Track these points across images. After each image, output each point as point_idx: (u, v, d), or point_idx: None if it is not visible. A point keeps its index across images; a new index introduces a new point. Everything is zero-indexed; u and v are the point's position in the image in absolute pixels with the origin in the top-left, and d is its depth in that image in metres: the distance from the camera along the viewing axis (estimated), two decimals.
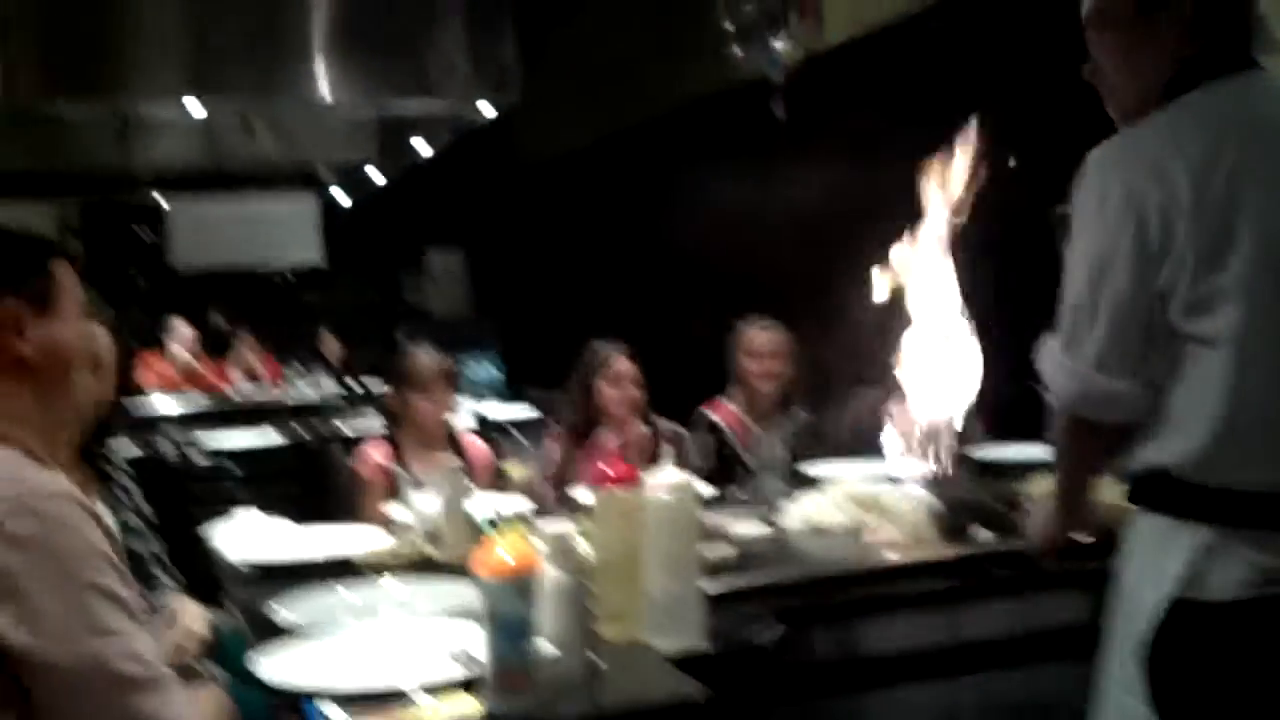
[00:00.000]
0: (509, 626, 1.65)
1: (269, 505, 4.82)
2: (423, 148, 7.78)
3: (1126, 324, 1.80)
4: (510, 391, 8.96)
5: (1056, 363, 1.89)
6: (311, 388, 8.26)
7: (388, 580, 2.46)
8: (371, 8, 6.00)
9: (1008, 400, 3.88)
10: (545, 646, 1.71)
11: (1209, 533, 1.75)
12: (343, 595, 2.35)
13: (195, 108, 6.11)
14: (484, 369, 9.90)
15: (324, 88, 6.07)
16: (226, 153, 8.37)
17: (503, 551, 1.67)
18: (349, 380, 7.82)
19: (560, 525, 1.86)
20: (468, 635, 1.92)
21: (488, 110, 6.31)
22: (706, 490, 2.92)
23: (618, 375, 3.80)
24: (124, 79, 5.83)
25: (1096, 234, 1.82)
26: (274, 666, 1.84)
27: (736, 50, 4.93)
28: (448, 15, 5.96)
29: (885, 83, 5.98)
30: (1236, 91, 1.85)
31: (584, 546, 1.85)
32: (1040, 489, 3.03)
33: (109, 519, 2.69)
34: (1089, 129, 1.98)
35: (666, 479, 1.98)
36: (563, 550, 1.83)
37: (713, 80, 7.18)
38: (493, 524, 2.84)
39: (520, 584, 1.66)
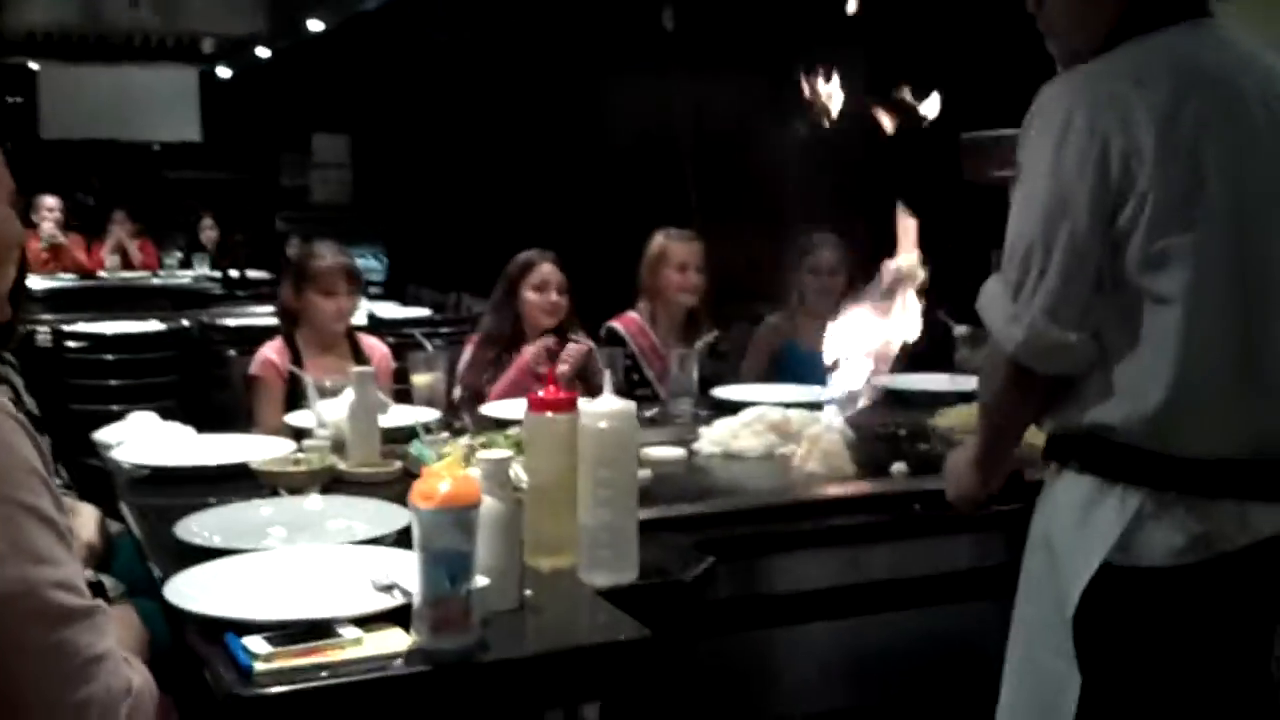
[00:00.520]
0: (448, 561, 1.56)
1: (148, 396, 4.70)
2: (315, 25, 7.48)
3: (1081, 269, 1.70)
4: (392, 287, 8.79)
5: (1002, 309, 1.78)
6: (189, 274, 8.00)
7: (299, 496, 2.35)
8: None
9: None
10: (479, 580, 1.63)
11: (1143, 496, 1.70)
12: (253, 510, 2.23)
13: None
14: (366, 262, 9.68)
15: None
16: (106, 19, 7.94)
17: (442, 480, 1.57)
18: (229, 269, 7.55)
19: (498, 452, 1.78)
20: (389, 561, 1.83)
21: None
22: None
23: (544, 281, 3.69)
24: None
25: (1054, 171, 1.71)
26: (186, 590, 1.73)
27: None
28: None
29: None
30: (1191, 39, 1.77)
31: (521, 474, 1.76)
32: (948, 421, 3.07)
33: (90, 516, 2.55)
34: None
35: (604, 403, 1.91)
36: (501, 478, 1.75)
37: None
38: (428, 440, 2.76)
39: (461, 515, 1.57)
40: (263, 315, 6.02)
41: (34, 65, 10.40)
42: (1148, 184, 1.66)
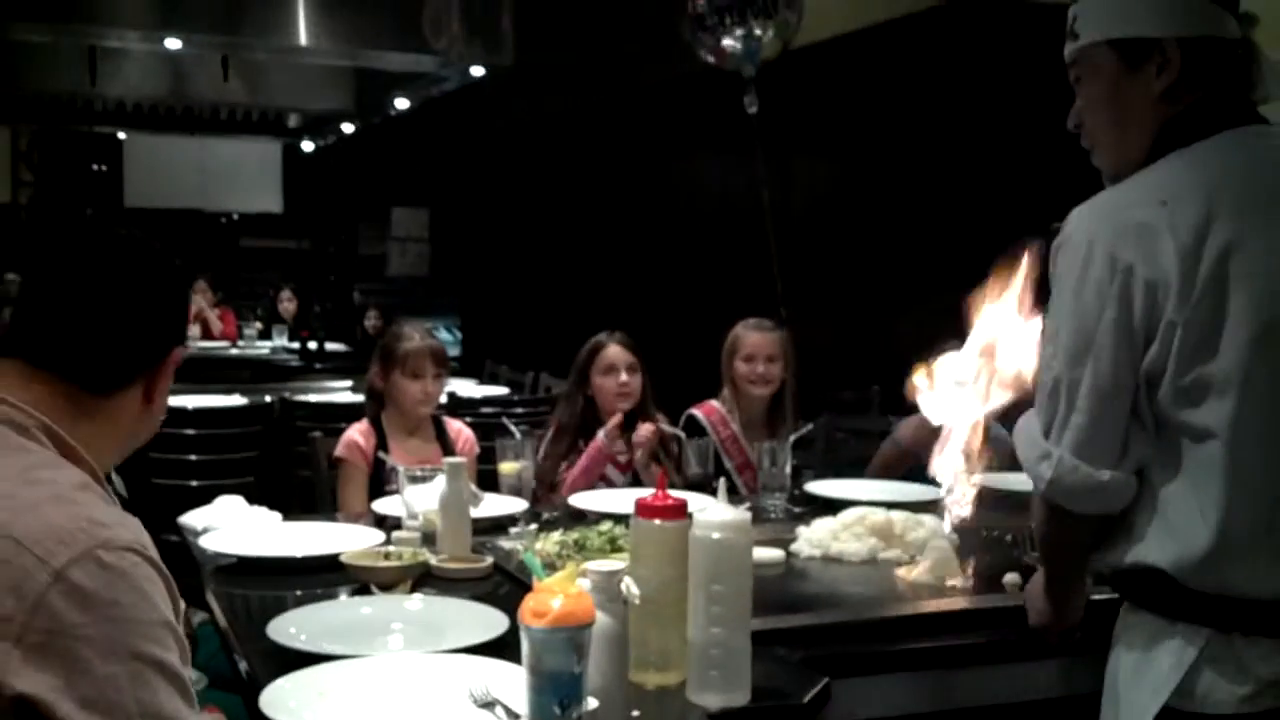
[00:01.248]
0: (558, 683, 1.48)
1: (228, 472, 4.68)
2: (401, 104, 7.56)
3: (1110, 409, 1.64)
4: (467, 363, 8.78)
5: (1034, 446, 1.72)
6: (267, 345, 8.04)
7: (390, 594, 2.28)
8: None
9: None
10: (589, 703, 1.54)
11: (1206, 637, 1.60)
12: (346, 610, 2.16)
13: (171, 43, 5.85)
14: (441, 335, 9.72)
15: (304, 34, 5.83)
16: (195, 92, 8.08)
17: (555, 597, 1.49)
18: (308, 342, 7.58)
19: (608, 564, 1.69)
20: (489, 673, 1.75)
21: (478, 73, 6.11)
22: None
23: (611, 364, 3.62)
24: (97, 8, 5.56)
25: (1077, 307, 1.65)
26: (280, 700, 1.65)
27: (707, 39, 4.75)
28: None
29: (861, 82, 5.89)
30: (1232, 148, 1.68)
31: (633, 589, 1.67)
32: None
33: None
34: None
35: (718, 513, 1.81)
36: (612, 591, 1.67)
37: (692, 65, 7.07)
38: (515, 533, 2.69)
39: (575, 635, 1.49)
40: (342, 391, 6.03)
41: (121, 135, 10.61)
42: (1175, 314, 1.58)
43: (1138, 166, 1.73)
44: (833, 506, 2.98)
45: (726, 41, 4.77)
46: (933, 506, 2.96)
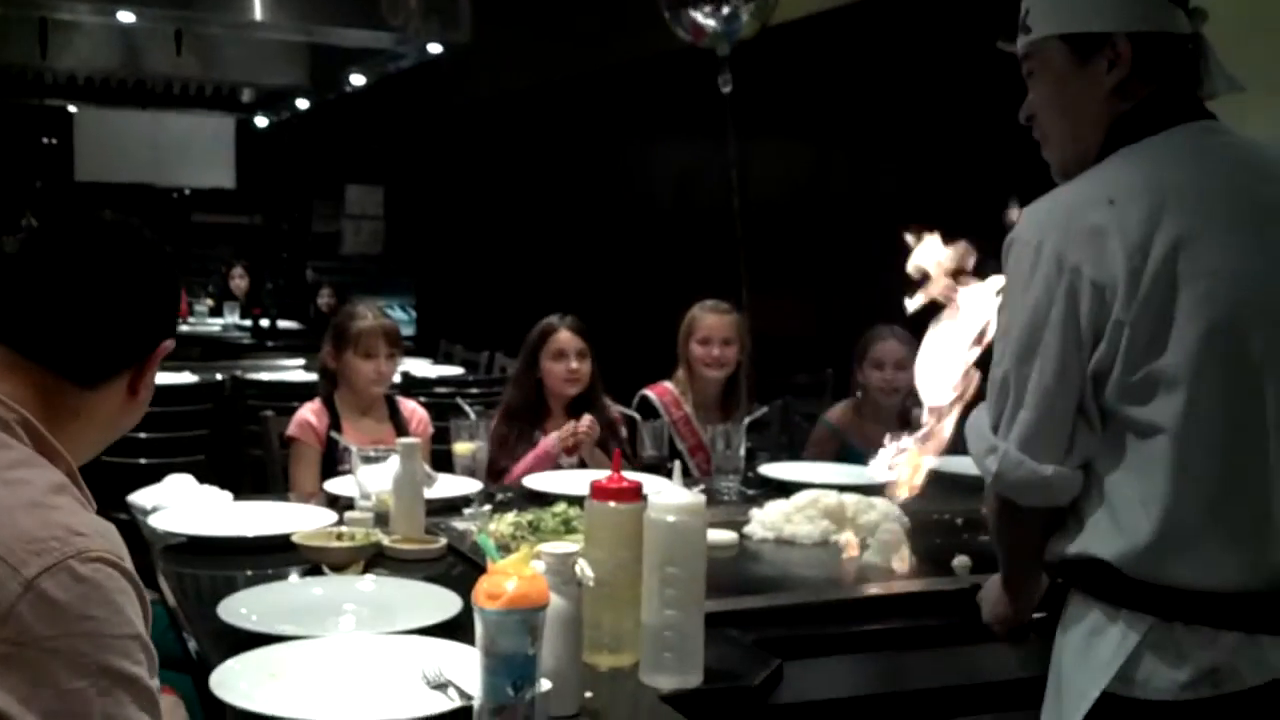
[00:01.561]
0: (512, 665, 1.48)
1: (179, 450, 4.64)
2: (357, 80, 7.49)
3: (1055, 405, 1.65)
4: (421, 343, 8.74)
5: (982, 440, 1.74)
6: (219, 322, 7.97)
7: (343, 575, 2.27)
8: None
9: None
10: (542, 684, 1.54)
11: (1148, 625, 1.62)
12: (297, 590, 2.15)
13: (124, 16, 5.76)
14: (395, 313, 9.67)
15: (259, 8, 5.77)
16: (147, 66, 7.97)
17: (509, 579, 1.49)
18: (260, 319, 7.52)
19: (563, 546, 1.69)
20: (441, 655, 1.75)
21: (436, 50, 6.07)
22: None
23: (561, 349, 3.60)
24: None
25: (1025, 305, 1.67)
26: (231, 681, 1.64)
27: (690, 16, 4.72)
28: None
29: (833, 64, 5.90)
30: (1181, 145, 1.69)
31: (588, 571, 1.67)
32: None
33: None
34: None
35: (673, 495, 1.82)
36: (566, 574, 1.67)
37: (659, 42, 7.05)
38: (469, 514, 2.69)
39: (529, 617, 1.48)
40: (294, 369, 5.99)
41: (72, 108, 10.45)
42: (1122, 313, 1.59)
43: (1088, 162, 1.74)
44: (786, 489, 3.00)
45: (705, 18, 4.75)
46: (884, 490, 2.99)
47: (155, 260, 1.46)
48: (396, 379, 3.96)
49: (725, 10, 4.69)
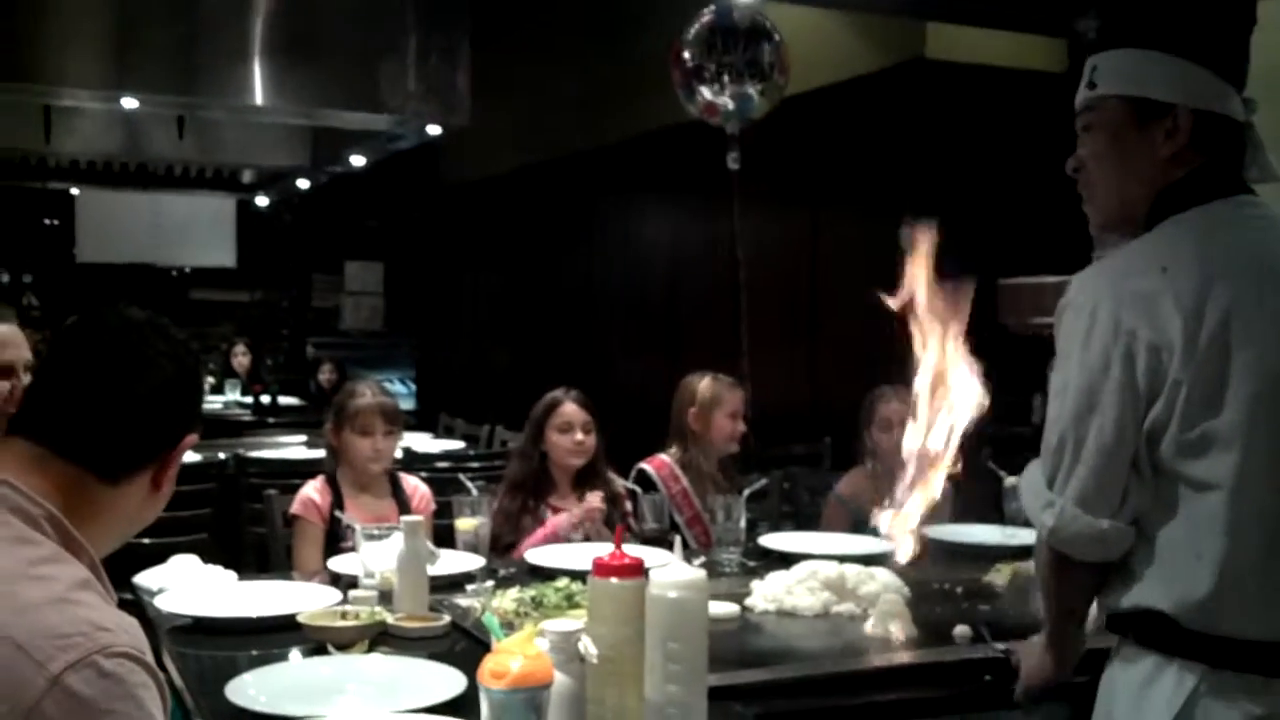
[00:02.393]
0: None
1: (182, 530, 4.64)
2: (357, 161, 7.59)
3: (1112, 462, 1.73)
4: (422, 417, 8.76)
5: (1039, 496, 1.81)
6: (220, 400, 7.99)
7: (348, 654, 2.29)
8: (320, 17, 5.82)
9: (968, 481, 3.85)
10: None
11: (1200, 673, 1.68)
12: (305, 670, 2.17)
13: (127, 103, 5.86)
14: (394, 387, 9.69)
15: (260, 93, 5.86)
16: (149, 150, 8.08)
17: (514, 658, 1.52)
18: (261, 396, 7.54)
19: (566, 623, 1.72)
20: None
21: (434, 131, 6.17)
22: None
23: (568, 422, 3.64)
24: (53, 68, 5.57)
25: (1082, 366, 1.75)
26: None
27: (702, 94, 4.82)
28: (403, 34, 5.80)
29: (827, 139, 6.00)
30: (1228, 218, 1.79)
31: (591, 648, 1.70)
32: (1004, 577, 3.00)
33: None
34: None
35: (675, 572, 1.84)
36: (570, 650, 1.69)
37: (650, 120, 7.17)
38: (472, 590, 2.71)
39: (533, 696, 1.51)
40: (295, 446, 6.01)
41: (74, 190, 10.57)
42: (1180, 374, 1.67)
43: (1130, 221, 1.83)
44: (786, 560, 3.02)
45: (719, 98, 4.85)
46: (883, 560, 3.02)
47: (180, 357, 1.47)
48: (398, 455, 3.99)
49: (740, 90, 4.80)
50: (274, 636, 2.44)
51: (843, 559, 2.92)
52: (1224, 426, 1.67)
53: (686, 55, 4.89)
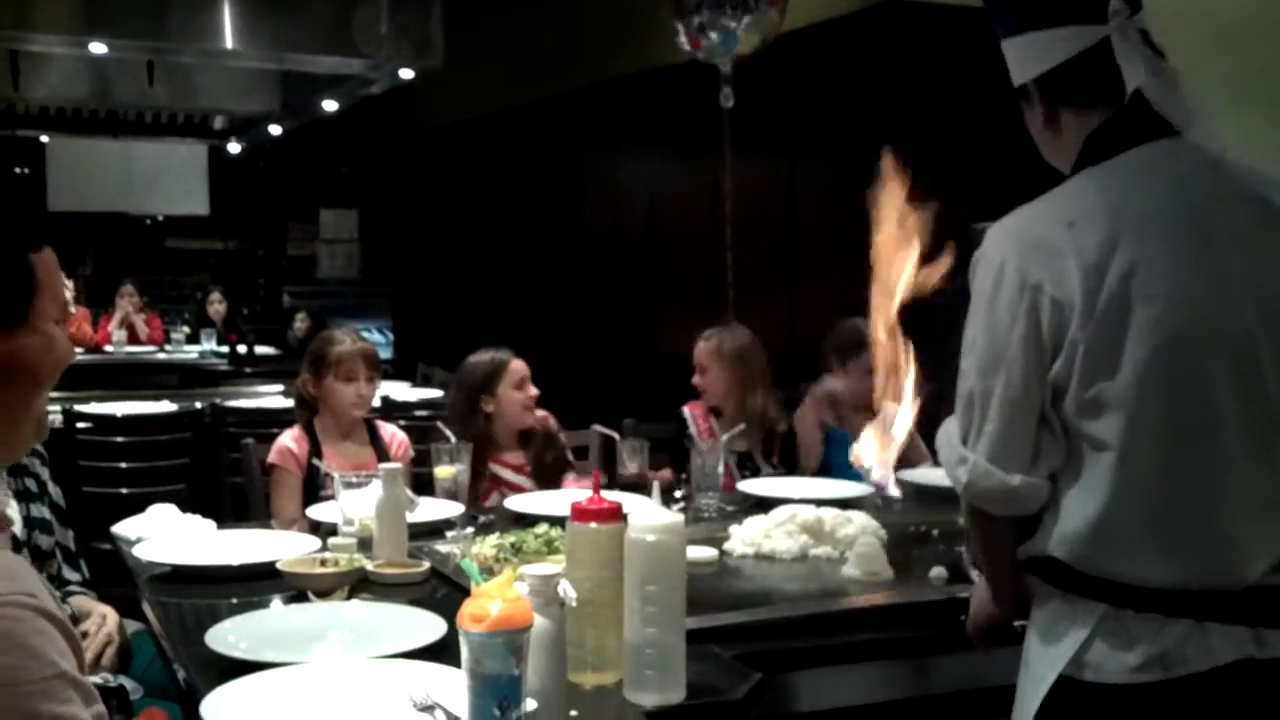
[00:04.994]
0: (498, 687, 1.51)
1: (160, 480, 4.64)
2: (330, 105, 7.51)
3: (1019, 417, 1.73)
4: (400, 365, 8.74)
5: (952, 450, 1.81)
6: (196, 350, 7.95)
7: (328, 600, 2.30)
8: None
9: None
10: (528, 704, 1.57)
11: (1102, 611, 1.70)
12: (284, 617, 2.17)
13: (95, 48, 5.77)
14: (372, 337, 9.68)
15: (230, 37, 5.78)
16: (119, 96, 7.98)
17: (493, 601, 1.52)
18: (238, 345, 7.51)
19: (545, 567, 1.72)
20: (428, 678, 1.78)
21: (408, 75, 6.11)
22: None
23: (523, 378, 3.67)
24: (20, 13, 5.48)
25: (989, 322, 1.75)
26: (223, 712, 1.67)
27: (690, 27, 4.76)
28: None
29: (805, 83, 5.97)
30: (1140, 167, 1.76)
31: (570, 591, 1.70)
32: None
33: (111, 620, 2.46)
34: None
35: (652, 515, 1.85)
36: (549, 594, 1.70)
37: (635, 62, 7.11)
38: (452, 536, 2.72)
39: (513, 638, 1.51)
40: (273, 395, 5.99)
41: (44, 138, 10.44)
42: (1078, 333, 1.67)
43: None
44: (764, 505, 3.04)
45: (704, 30, 4.79)
46: (860, 503, 3.05)
47: None
48: (376, 403, 3.98)
49: (728, 25, 4.73)
50: (254, 584, 2.45)
51: (820, 503, 2.94)
52: (1117, 388, 1.66)
53: None
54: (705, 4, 4.62)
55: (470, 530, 2.86)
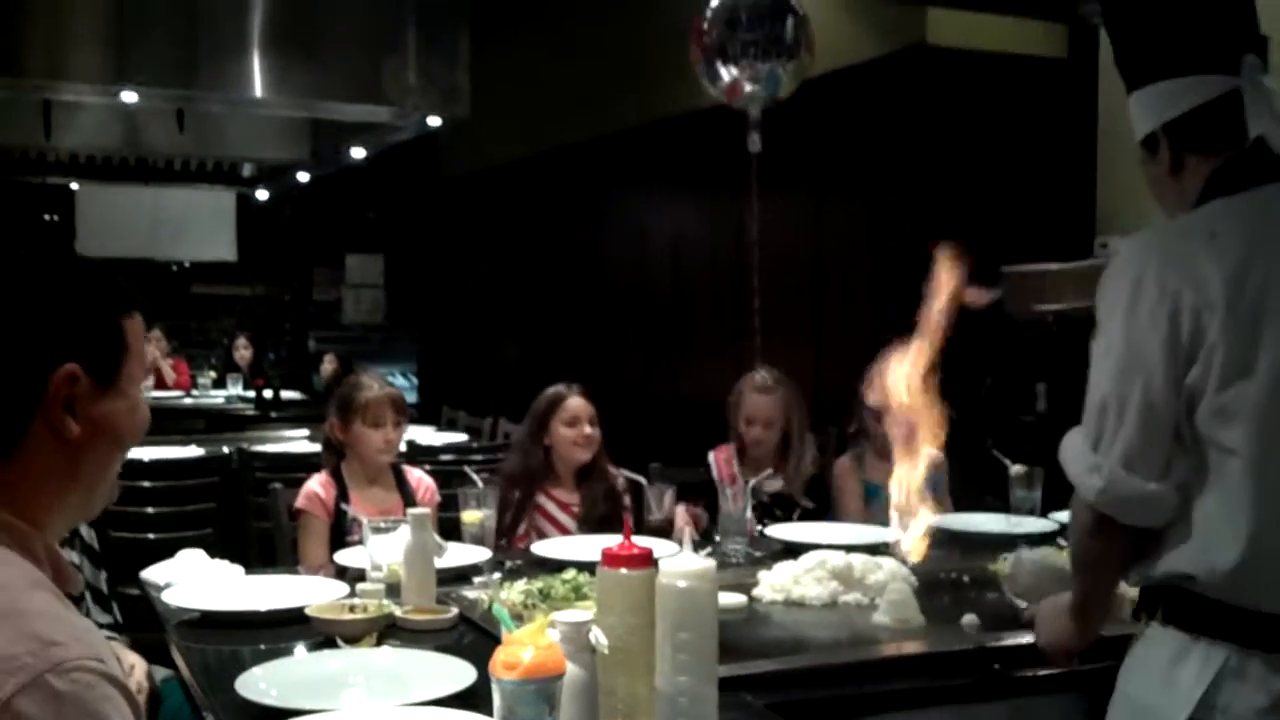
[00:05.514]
0: None
1: (186, 525, 4.65)
2: (357, 153, 7.58)
3: (1157, 423, 1.75)
4: (424, 410, 8.76)
5: (1083, 459, 1.82)
6: (222, 394, 7.99)
7: (357, 647, 2.29)
8: (319, 9, 5.82)
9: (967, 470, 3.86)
10: None
11: (1228, 653, 1.70)
12: (315, 664, 2.17)
13: (126, 96, 5.85)
14: (397, 381, 9.68)
15: (259, 86, 5.85)
16: (148, 144, 8.07)
17: (526, 649, 1.51)
18: (264, 390, 7.54)
19: (577, 614, 1.71)
20: None
21: (435, 123, 6.16)
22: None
23: (574, 416, 3.66)
24: (52, 63, 5.56)
25: (1128, 328, 1.77)
26: None
27: (726, 73, 4.78)
28: (402, 26, 5.79)
29: (830, 127, 5.99)
30: (1274, 197, 1.82)
31: (602, 638, 1.69)
32: (1006, 568, 3.00)
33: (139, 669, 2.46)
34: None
35: (683, 561, 1.84)
36: (580, 641, 1.69)
37: (658, 109, 7.16)
38: (479, 583, 2.71)
39: (545, 686, 1.51)
40: (299, 439, 6.01)
41: (74, 185, 10.55)
42: (1217, 337, 1.70)
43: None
44: (793, 551, 3.02)
45: (745, 78, 4.80)
46: (889, 549, 3.02)
47: (21, 278, 1.28)
48: (402, 448, 3.99)
49: (765, 68, 4.75)
50: (282, 630, 2.45)
51: (850, 549, 2.92)
52: (1248, 394, 1.70)
53: (708, 32, 4.81)
54: (750, 52, 4.63)
55: (498, 576, 2.85)
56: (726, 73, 4.75)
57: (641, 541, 1.91)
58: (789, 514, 3.84)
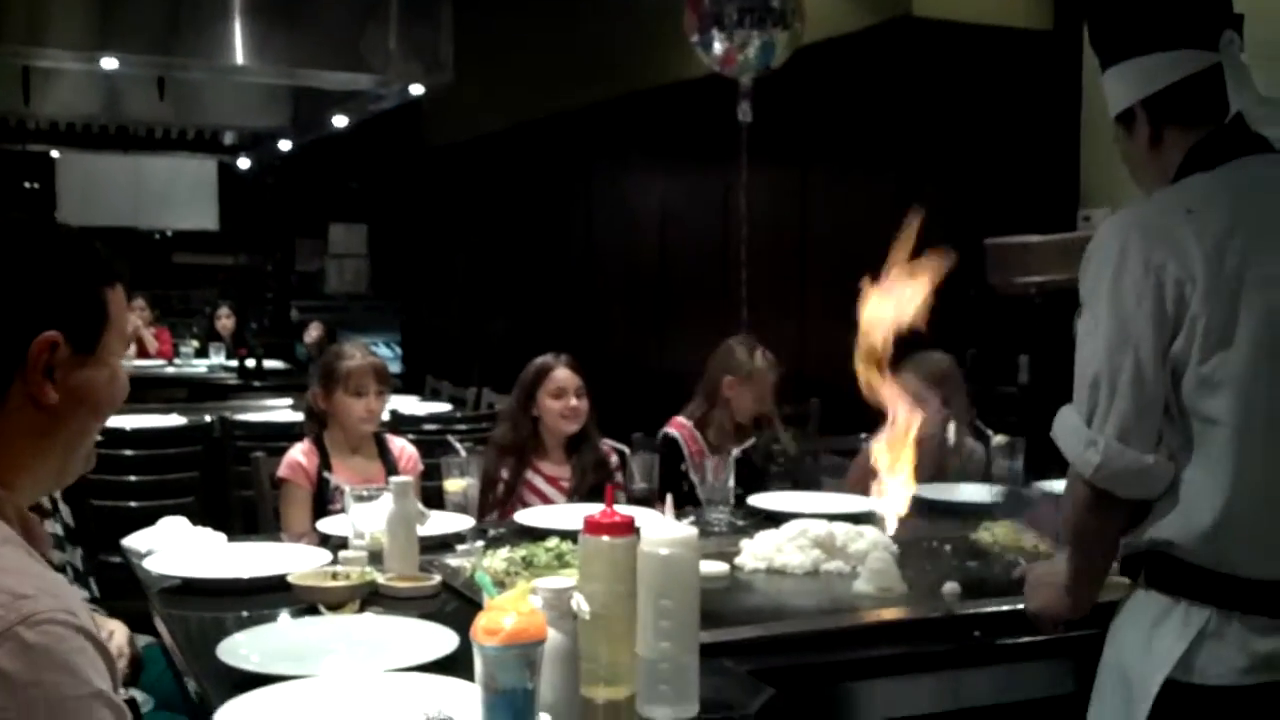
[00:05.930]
0: (512, 700, 1.50)
1: (168, 493, 4.64)
2: (339, 121, 7.54)
3: (1148, 395, 1.78)
4: (408, 379, 8.74)
5: (1078, 435, 1.84)
6: (204, 364, 7.96)
7: (339, 614, 2.29)
8: None
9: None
10: (541, 718, 1.56)
11: (1207, 614, 1.74)
12: (296, 630, 2.17)
13: (107, 63, 5.80)
14: (380, 351, 9.66)
15: (240, 53, 5.81)
16: (129, 112, 8.01)
17: (507, 615, 1.51)
18: (246, 359, 7.51)
19: (559, 581, 1.72)
20: (440, 691, 1.77)
21: (417, 91, 6.13)
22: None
23: (561, 387, 3.65)
24: (32, 28, 5.51)
25: (1114, 303, 1.80)
26: None
27: (715, 43, 4.75)
28: None
29: (815, 98, 5.98)
30: (1250, 171, 1.85)
31: (584, 605, 1.70)
32: (991, 537, 3.01)
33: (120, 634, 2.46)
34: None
35: (666, 529, 1.84)
36: (563, 608, 1.69)
37: (645, 78, 7.13)
38: (462, 550, 2.71)
39: (527, 652, 1.51)
40: (281, 409, 5.99)
41: (54, 153, 10.48)
42: (1199, 309, 1.73)
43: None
44: (775, 519, 3.03)
45: (739, 46, 4.78)
46: (872, 518, 3.03)
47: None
48: (385, 416, 3.99)
49: (761, 36, 4.73)
50: (264, 597, 2.44)
51: (831, 517, 2.93)
52: (1229, 365, 1.73)
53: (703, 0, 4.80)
54: (745, 20, 4.61)
55: (480, 544, 2.85)
56: (721, 41, 4.73)
57: (623, 509, 1.92)
58: (772, 459, 3.84)
